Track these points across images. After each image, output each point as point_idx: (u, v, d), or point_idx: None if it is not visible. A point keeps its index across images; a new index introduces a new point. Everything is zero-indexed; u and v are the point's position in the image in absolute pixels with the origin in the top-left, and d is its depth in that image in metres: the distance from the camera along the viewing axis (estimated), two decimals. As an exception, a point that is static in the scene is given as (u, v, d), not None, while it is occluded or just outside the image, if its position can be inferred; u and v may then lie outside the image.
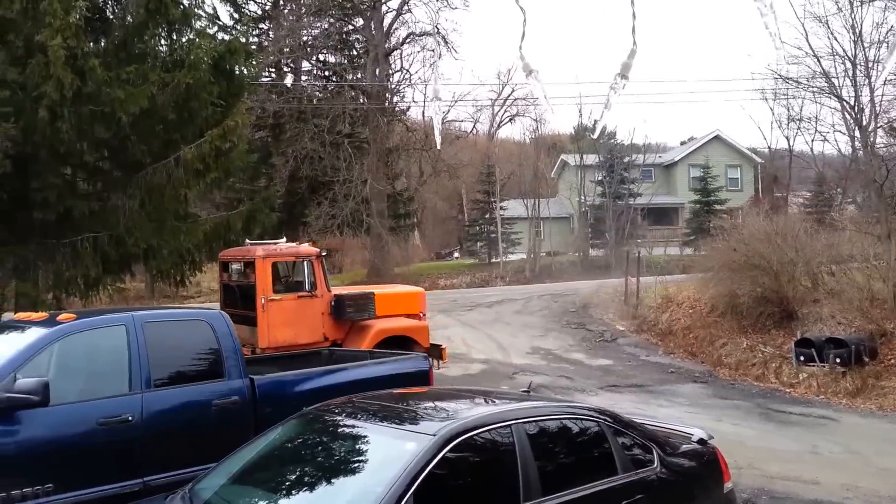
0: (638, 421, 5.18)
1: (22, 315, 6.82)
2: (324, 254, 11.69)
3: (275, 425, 4.94)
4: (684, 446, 5.16)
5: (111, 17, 13.80)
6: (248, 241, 12.34)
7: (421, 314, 12.42)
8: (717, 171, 41.59)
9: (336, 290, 11.86)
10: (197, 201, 17.66)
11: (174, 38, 14.00)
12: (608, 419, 4.72)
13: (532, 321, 20.09)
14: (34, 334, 5.67)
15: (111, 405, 5.65)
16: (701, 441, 5.25)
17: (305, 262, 11.17)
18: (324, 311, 11.21)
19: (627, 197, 39.79)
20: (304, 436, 4.75)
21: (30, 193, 12.29)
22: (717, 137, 46.04)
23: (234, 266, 12.37)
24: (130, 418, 5.65)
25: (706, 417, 10.64)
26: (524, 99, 37.99)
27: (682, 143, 51.44)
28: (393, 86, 28.95)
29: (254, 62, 15.62)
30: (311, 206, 26.59)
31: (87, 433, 5.47)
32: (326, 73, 29.49)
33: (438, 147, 25.70)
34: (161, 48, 13.74)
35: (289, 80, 28.76)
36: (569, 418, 4.66)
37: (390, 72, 28.55)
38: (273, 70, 27.45)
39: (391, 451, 3.96)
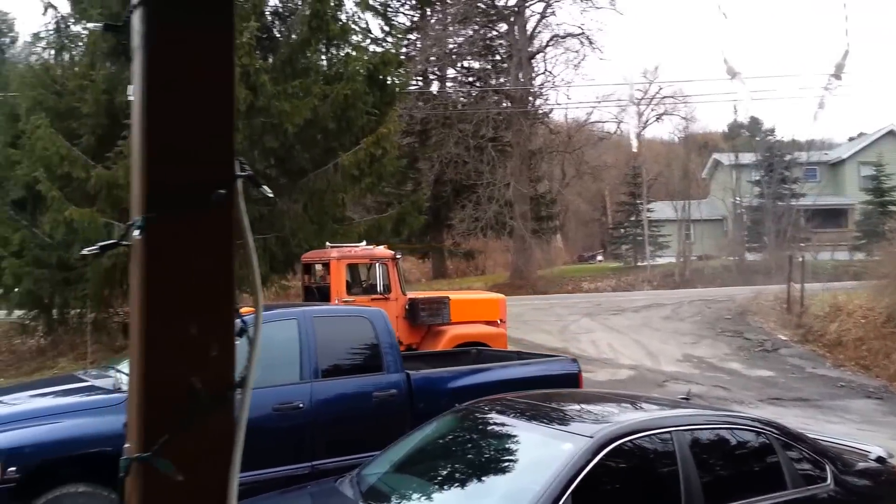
0: (809, 435, 4.90)
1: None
2: (398, 257, 11.52)
3: (431, 419, 5.14)
4: (860, 464, 4.82)
5: (278, 35, 14.86)
6: (328, 243, 12.32)
7: (499, 321, 11.99)
8: (891, 170, 38.00)
9: (411, 295, 11.66)
10: (350, 205, 18.56)
11: (332, 52, 14.89)
12: (775, 431, 4.50)
13: (683, 327, 19.35)
14: (218, 326, 6.24)
15: (285, 392, 6.11)
16: (880, 459, 4.88)
17: (380, 265, 11.07)
18: (398, 314, 10.93)
19: (789, 197, 37.19)
20: (459, 431, 4.90)
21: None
22: (891, 133, 42.09)
23: (315, 268, 12.38)
24: (301, 405, 6.08)
25: (883, 435, 9.79)
26: (672, 97, 36.59)
27: (851, 140, 47.45)
28: (536, 89, 28.97)
29: (403, 71, 16.23)
30: (455, 208, 27.17)
31: (264, 417, 5.92)
32: (471, 79, 30.00)
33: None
34: (321, 62, 14.63)
35: (435, 88, 29.56)
36: (733, 428, 4.49)
37: (533, 75, 28.57)
38: (420, 78, 28.33)
39: (546, 450, 4.01)
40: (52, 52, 14.52)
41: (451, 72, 30.30)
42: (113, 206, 12.91)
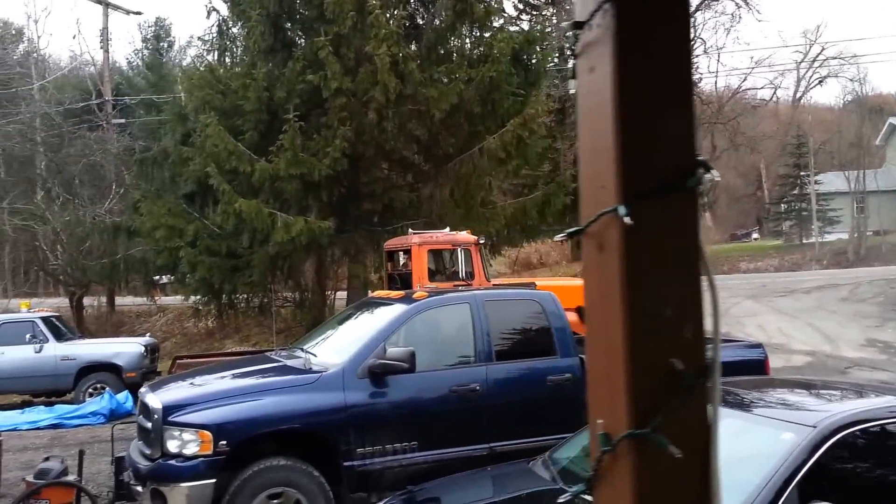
0: None
1: (381, 293, 7.77)
2: (481, 241, 11.10)
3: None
4: None
5: (421, 22, 15.04)
6: (410, 230, 12.14)
7: None
8: None
9: (496, 281, 11.23)
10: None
11: (476, 35, 14.90)
12: None
13: (864, 309, 17.83)
14: (396, 310, 6.43)
15: (461, 374, 6.21)
16: None
17: (462, 251, 10.70)
18: None
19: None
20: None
21: (360, 187, 13.98)
22: None
23: (398, 254, 12.08)
24: (477, 387, 6.15)
25: None
26: (839, 58, 33.60)
27: None
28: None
29: (546, 49, 15.99)
30: (596, 188, 26.59)
31: (442, 398, 6.07)
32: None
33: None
34: (466, 46, 14.68)
35: (571, 63, 28.93)
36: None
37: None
38: (557, 55, 27.85)
39: (761, 441, 3.79)
40: (216, 53, 15.46)
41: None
42: (275, 197, 13.67)
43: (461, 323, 6.42)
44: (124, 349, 12.78)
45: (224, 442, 5.37)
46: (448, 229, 11.68)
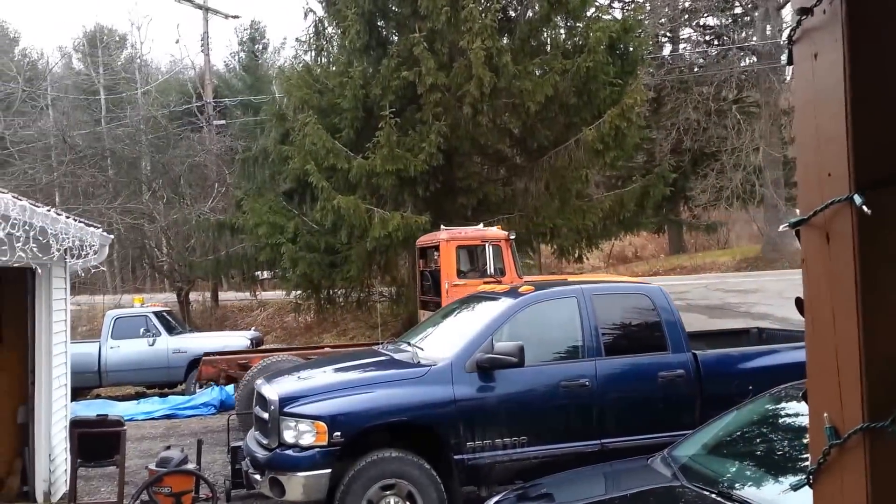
0: None
1: (487, 287, 7.76)
2: (512, 237, 10.69)
3: (743, 403, 4.85)
4: None
5: (514, 14, 14.92)
6: (442, 226, 11.77)
7: None
8: None
9: (528, 278, 10.91)
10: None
11: (570, 25, 14.66)
12: None
13: None
14: (502, 304, 6.39)
15: (570, 369, 6.10)
16: None
17: (491, 246, 10.35)
18: None
19: None
20: (776, 416, 4.57)
21: (455, 182, 14.01)
22: None
23: (430, 251, 11.88)
24: (587, 382, 6.03)
25: None
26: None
27: None
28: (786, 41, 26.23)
29: (642, 37, 15.55)
30: (694, 179, 25.71)
31: (552, 394, 5.99)
32: (708, 38, 28.08)
33: None
34: (560, 37, 14.47)
35: (667, 51, 28.08)
36: None
37: (783, 26, 25.97)
38: (650, 42, 27.06)
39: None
40: (312, 53, 15.84)
41: (684, 32, 28.62)
42: (372, 193, 13.88)
43: (568, 317, 6.31)
44: (232, 342, 13.30)
45: (338, 433, 5.48)
46: (482, 225, 11.41)
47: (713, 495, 3.77)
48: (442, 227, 11.46)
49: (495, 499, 4.52)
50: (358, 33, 13.97)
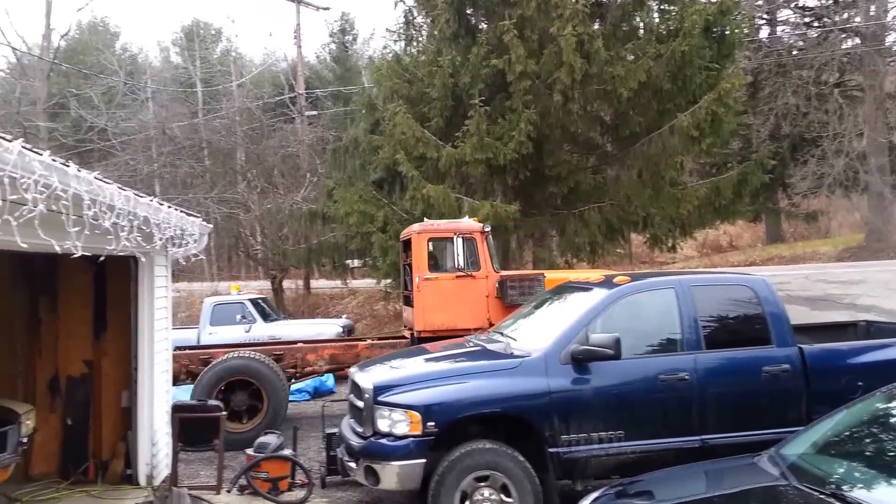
0: None
1: (580, 277, 7.64)
2: (487, 230, 10.16)
3: (854, 401, 4.61)
4: None
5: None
6: (426, 219, 11.30)
7: None
8: None
9: (505, 273, 10.24)
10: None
11: (663, 8, 14.21)
12: None
13: None
14: (597, 295, 6.27)
15: (669, 362, 5.94)
16: None
17: (461, 239, 9.85)
18: (489, 293, 9.83)
19: None
20: (890, 415, 4.34)
21: (545, 170, 13.87)
22: None
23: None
24: (687, 377, 5.87)
25: None
26: None
27: None
28: (893, 21, 24.64)
29: (741, 19, 14.90)
30: (793, 165, 24.52)
31: (650, 388, 5.85)
32: (807, 19, 26.65)
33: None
34: (653, 21, 14.06)
35: (764, 34, 26.83)
36: None
37: (889, 6, 24.36)
38: (744, 26, 25.91)
39: None
40: (402, 43, 15.98)
41: (782, 14, 27.24)
42: (462, 182, 13.91)
43: (666, 308, 6.14)
44: (325, 330, 13.63)
45: (432, 423, 5.51)
46: (468, 218, 10.96)
47: (824, 496, 3.61)
48: (426, 220, 11.13)
49: (594, 495, 4.46)
50: (447, 22, 13.98)
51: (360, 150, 16.59)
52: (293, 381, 10.48)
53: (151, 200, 5.72)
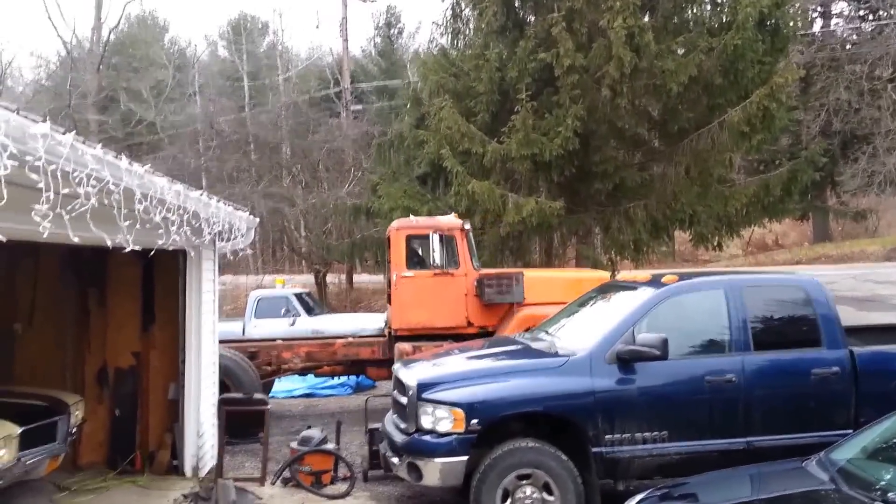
0: None
1: (627, 276, 7.57)
2: (467, 227, 9.93)
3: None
4: None
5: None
6: (411, 216, 11.09)
7: None
8: None
9: (485, 271, 10.01)
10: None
11: (716, 1, 13.93)
12: None
13: None
14: (645, 294, 6.21)
15: (716, 364, 5.87)
16: None
17: (438, 236, 9.62)
18: (468, 291, 9.67)
19: None
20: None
21: (591, 166, 13.73)
22: None
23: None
24: (734, 378, 5.79)
25: None
26: None
27: None
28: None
29: (797, 11, 14.52)
30: (843, 163, 23.83)
31: (696, 389, 5.79)
32: (862, 12, 25.82)
33: None
34: (705, 14, 13.79)
35: (817, 27, 26.08)
36: None
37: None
38: (797, 19, 25.22)
39: None
40: (449, 36, 15.93)
41: (836, 6, 26.48)
42: (506, 178, 13.86)
43: (714, 309, 6.07)
44: (367, 324, 13.68)
45: (475, 421, 5.54)
46: (454, 215, 10.76)
47: (874, 502, 3.56)
48: (412, 217, 10.98)
49: (639, 497, 4.44)
50: (495, 15, 13.89)
51: (404, 145, 16.62)
52: (278, 378, 10.67)
53: (201, 195, 5.76)
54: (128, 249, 4.18)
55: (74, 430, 6.44)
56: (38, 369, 7.37)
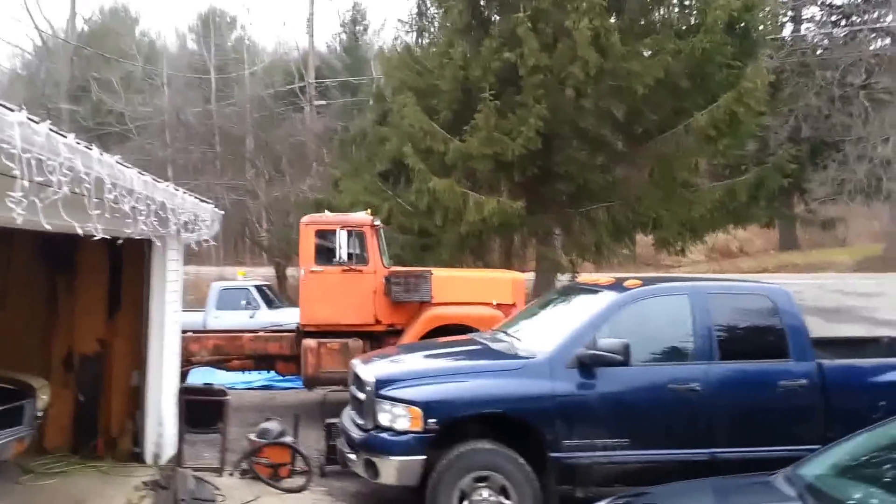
0: None
1: (588, 279, 7.38)
2: (376, 223, 9.95)
3: (878, 423, 4.41)
4: None
5: (624, -8, 14.20)
6: (326, 211, 11.01)
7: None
8: None
9: (395, 269, 10.01)
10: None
11: (685, 3, 13.88)
12: None
13: None
14: (606, 298, 6.05)
15: (679, 372, 5.75)
16: None
17: (345, 232, 9.49)
18: (376, 289, 9.58)
19: None
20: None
21: (554, 167, 13.58)
22: None
23: None
24: (697, 387, 5.65)
25: None
26: None
27: None
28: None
29: (769, 15, 14.53)
30: (811, 170, 23.99)
31: (658, 396, 5.67)
32: (834, 18, 26.05)
33: None
34: (673, 16, 13.74)
35: (787, 31, 26.26)
36: None
37: (923, 7, 23.78)
38: (767, 23, 25.36)
39: None
40: (414, 34, 15.71)
41: (808, 11, 26.70)
42: (468, 177, 13.64)
43: (679, 316, 5.93)
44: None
45: (433, 420, 5.40)
46: (369, 212, 10.65)
47: (843, 521, 3.41)
48: (327, 213, 10.87)
49: (599, 505, 4.24)
50: (460, 13, 13.70)
51: (367, 142, 16.38)
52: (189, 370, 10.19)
53: (167, 186, 5.78)
54: (97, 237, 4.25)
55: (41, 413, 6.42)
56: (6, 352, 7.25)
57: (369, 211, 10.76)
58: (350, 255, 9.50)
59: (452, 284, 9.80)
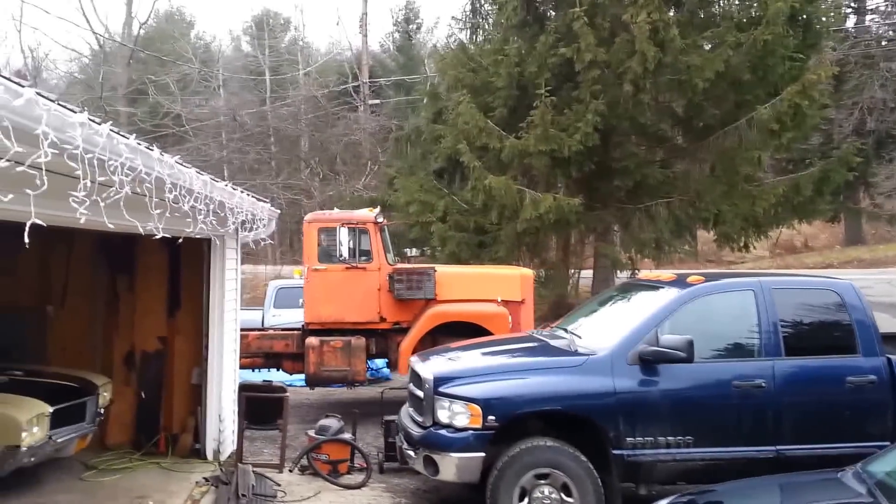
0: None
1: (649, 275, 7.31)
2: (379, 220, 9.73)
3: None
4: None
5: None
6: (336, 209, 10.93)
7: (522, 300, 9.65)
8: None
9: (399, 266, 9.81)
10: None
11: (746, -6, 13.58)
12: None
13: None
14: (668, 294, 5.97)
15: (744, 368, 5.63)
16: None
17: (346, 229, 9.46)
18: (380, 286, 9.52)
19: None
20: None
21: (611, 163, 13.44)
22: None
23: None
24: (763, 384, 5.54)
25: None
26: None
27: None
28: None
29: (832, 6, 14.10)
30: (876, 164, 23.20)
31: (722, 393, 5.56)
32: (899, 8, 25.19)
33: None
34: (733, 8, 13.45)
35: (851, 22, 25.45)
36: None
37: None
38: (830, 14, 24.60)
39: None
40: (468, 31, 15.73)
41: (871, 2, 25.83)
42: (524, 174, 13.61)
43: (743, 312, 5.81)
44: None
45: (492, 417, 5.40)
46: (379, 209, 10.60)
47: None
48: (335, 208, 10.88)
49: (662, 502, 4.22)
50: (515, 9, 13.68)
51: (421, 140, 16.46)
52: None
53: (226, 185, 5.84)
54: (157, 237, 4.30)
55: (102, 410, 6.59)
56: (69, 351, 7.55)
57: (371, 209, 10.79)
58: (354, 253, 9.55)
59: (456, 281, 9.81)
